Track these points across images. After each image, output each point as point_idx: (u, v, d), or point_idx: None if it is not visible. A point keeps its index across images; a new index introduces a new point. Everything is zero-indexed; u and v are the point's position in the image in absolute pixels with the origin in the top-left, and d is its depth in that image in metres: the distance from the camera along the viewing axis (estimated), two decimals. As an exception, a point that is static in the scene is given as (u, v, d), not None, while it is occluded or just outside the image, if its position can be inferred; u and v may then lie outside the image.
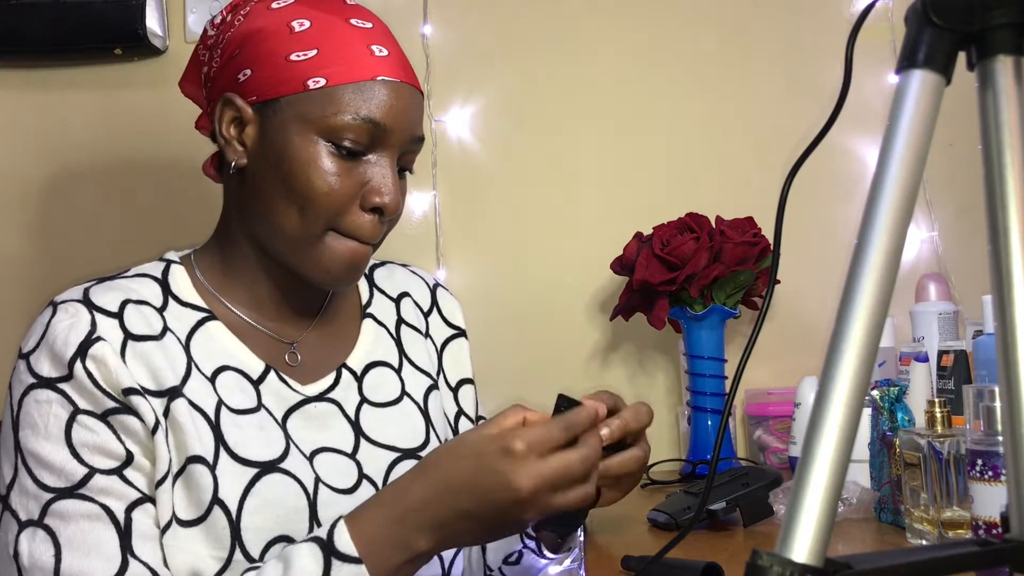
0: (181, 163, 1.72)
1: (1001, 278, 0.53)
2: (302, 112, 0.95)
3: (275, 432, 0.97)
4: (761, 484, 1.15)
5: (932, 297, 1.51)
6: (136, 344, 0.93)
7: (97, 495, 0.89)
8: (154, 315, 0.97)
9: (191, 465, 0.92)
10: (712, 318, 1.55)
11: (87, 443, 0.90)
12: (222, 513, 0.91)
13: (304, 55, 0.96)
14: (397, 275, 1.18)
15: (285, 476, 0.95)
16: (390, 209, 0.97)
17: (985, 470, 0.91)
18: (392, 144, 0.98)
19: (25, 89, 1.79)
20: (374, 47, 0.98)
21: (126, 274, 1.02)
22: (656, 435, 1.73)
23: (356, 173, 0.97)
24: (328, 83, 0.95)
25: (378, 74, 0.96)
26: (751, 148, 1.75)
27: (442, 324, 1.18)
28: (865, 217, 0.54)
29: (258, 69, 0.98)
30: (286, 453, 0.96)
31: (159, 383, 0.93)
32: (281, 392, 1.00)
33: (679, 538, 0.82)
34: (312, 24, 0.97)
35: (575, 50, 1.78)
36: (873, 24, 1.68)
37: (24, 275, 1.76)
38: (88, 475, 0.89)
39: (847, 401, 0.51)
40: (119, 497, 0.90)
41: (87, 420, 0.90)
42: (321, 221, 0.96)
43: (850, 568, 0.48)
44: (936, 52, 0.56)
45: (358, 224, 0.97)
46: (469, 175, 1.77)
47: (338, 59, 0.96)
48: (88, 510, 0.89)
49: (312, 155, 0.95)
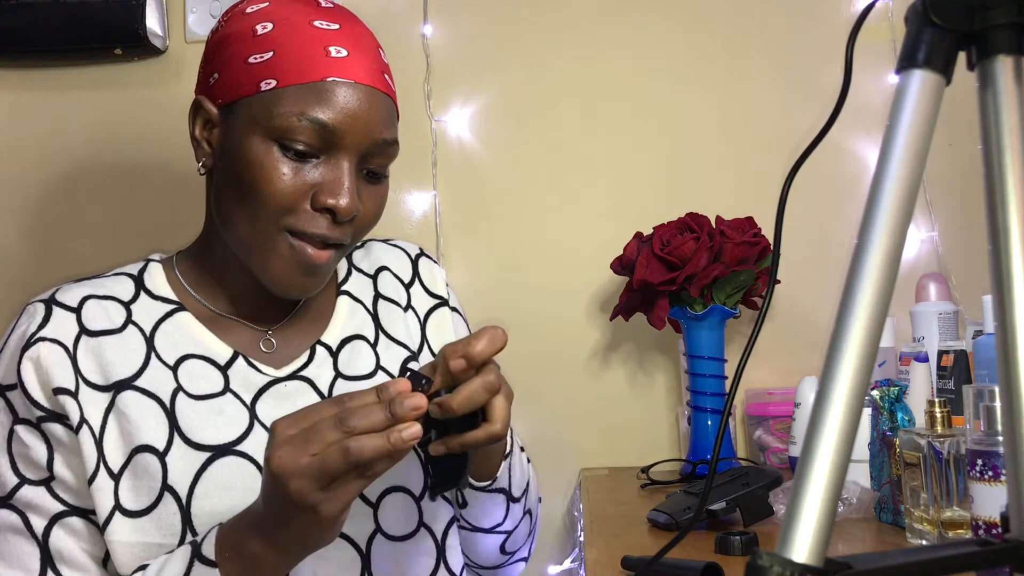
0: (181, 163, 1.72)
1: (1001, 278, 0.53)
2: (254, 114, 0.96)
3: (238, 415, 0.99)
4: (761, 484, 1.14)
5: (932, 297, 1.51)
6: (89, 339, 0.98)
7: (24, 508, 0.94)
8: (117, 309, 1.01)
9: (138, 455, 0.94)
10: (712, 318, 1.55)
11: (21, 453, 0.95)
12: (172, 499, 0.93)
13: (261, 57, 0.97)
14: (375, 251, 1.18)
15: (240, 458, 0.97)
16: (342, 211, 0.95)
17: (985, 470, 0.91)
18: (347, 146, 0.96)
19: (25, 89, 1.79)
20: (332, 48, 0.96)
21: (106, 273, 1.06)
22: (656, 435, 1.74)
23: (307, 174, 0.96)
24: (278, 84, 0.95)
25: (329, 75, 0.95)
26: (751, 148, 1.75)
27: (424, 295, 1.17)
28: (865, 217, 0.54)
29: (223, 72, 0.99)
30: (247, 434, 0.98)
31: (106, 377, 0.96)
32: (249, 376, 1.01)
33: (679, 538, 0.82)
34: (275, 27, 0.98)
35: (575, 50, 1.78)
36: (873, 24, 1.68)
37: (24, 275, 1.76)
38: (18, 485, 0.94)
39: (847, 401, 0.51)
40: (41, 512, 0.94)
41: (22, 430, 0.95)
42: (270, 220, 0.96)
43: (850, 568, 0.48)
44: (936, 52, 0.56)
45: (309, 225, 0.96)
46: (469, 175, 1.77)
47: (291, 60, 0.96)
48: (13, 522, 0.94)
49: (261, 156, 0.95)
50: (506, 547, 1.12)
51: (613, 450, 1.73)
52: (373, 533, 1.01)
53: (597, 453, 1.73)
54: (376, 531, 1.01)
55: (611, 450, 1.73)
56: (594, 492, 1.49)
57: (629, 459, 1.69)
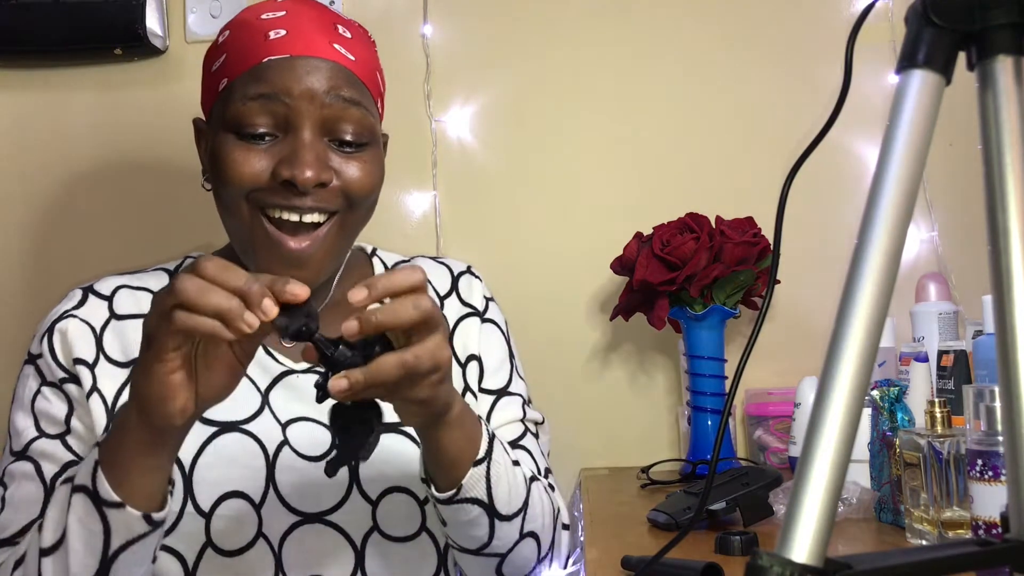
0: (181, 163, 1.72)
1: (1001, 278, 0.53)
2: (217, 115, 1.03)
3: (251, 398, 1.03)
4: (761, 484, 1.14)
5: (932, 297, 1.51)
6: (117, 323, 1.06)
7: (38, 456, 0.99)
8: (147, 298, 1.07)
9: None
10: (712, 318, 1.55)
11: (43, 411, 1.02)
12: (176, 468, 0.93)
13: (218, 63, 1.03)
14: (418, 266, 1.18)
15: (244, 436, 1.00)
16: (300, 180, 0.96)
17: (985, 470, 0.91)
18: (300, 115, 0.98)
19: (25, 89, 1.79)
20: (271, 32, 1.00)
21: (147, 269, 1.14)
22: (656, 435, 1.74)
23: (268, 154, 0.99)
24: (228, 81, 1.01)
25: (265, 56, 1.00)
26: (751, 148, 1.75)
27: (458, 304, 1.19)
28: (865, 217, 0.54)
29: (202, 90, 1.08)
30: (255, 416, 1.02)
31: (127, 355, 1.04)
32: (265, 363, 1.06)
33: (679, 538, 0.82)
34: (230, 32, 1.04)
35: (575, 50, 1.78)
36: (873, 24, 1.68)
37: (24, 275, 1.76)
38: (35, 438, 1.00)
39: (847, 401, 0.51)
40: (53, 460, 0.99)
41: (47, 391, 1.03)
42: (239, 202, 1.00)
43: (850, 568, 0.48)
44: (936, 52, 0.56)
45: (274, 197, 0.99)
46: (469, 175, 1.77)
47: (236, 57, 1.01)
48: (26, 470, 0.99)
49: (222, 149, 1.00)
50: (504, 572, 1.03)
51: (613, 450, 1.73)
52: (370, 531, 1.01)
53: (597, 453, 1.73)
54: (373, 529, 1.01)
55: (611, 450, 1.73)
56: (594, 492, 1.49)
57: (629, 459, 1.69)
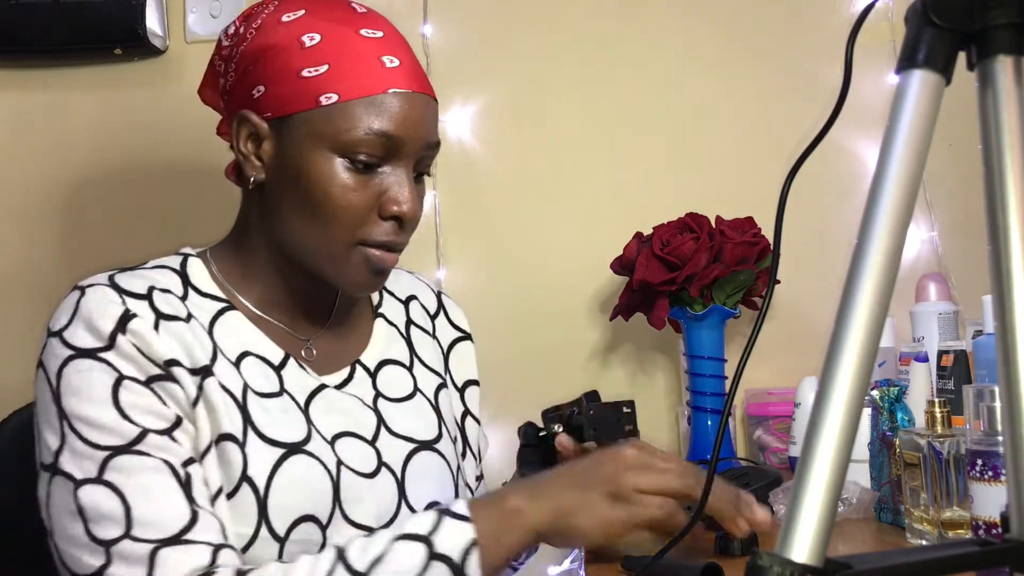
0: (181, 163, 1.72)
1: (1001, 278, 0.53)
2: (316, 129, 0.97)
3: (297, 416, 1.01)
4: (761, 484, 1.14)
5: (932, 297, 1.51)
6: (168, 323, 0.96)
7: (154, 451, 0.91)
8: (178, 302, 0.99)
9: (223, 442, 0.95)
10: (712, 318, 1.55)
11: (135, 404, 0.92)
12: (250, 490, 0.94)
13: (316, 71, 0.97)
14: (403, 279, 1.21)
15: (310, 458, 0.98)
16: (408, 216, 0.99)
17: (985, 470, 0.91)
18: (407, 153, 0.99)
19: (25, 89, 1.79)
20: (385, 58, 0.99)
21: (145, 265, 1.04)
22: (656, 435, 1.74)
23: (373, 185, 0.98)
24: (340, 99, 0.97)
25: (390, 86, 0.98)
26: (751, 148, 1.75)
27: (448, 327, 1.21)
28: (865, 217, 0.54)
29: (271, 86, 0.99)
30: (309, 436, 1.00)
31: (193, 361, 0.95)
32: (302, 378, 1.03)
33: (679, 538, 0.82)
34: (323, 38, 0.98)
35: (575, 50, 1.78)
36: (873, 24, 1.68)
37: (24, 275, 1.76)
38: (142, 433, 0.91)
39: (847, 401, 0.51)
40: (174, 454, 0.92)
41: (132, 385, 0.92)
42: (344, 236, 0.98)
43: (850, 568, 0.48)
44: (936, 52, 0.56)
45: (380, 234, 0.99)
46: (469, 175, 1.77)
47: (349, 73, 0.97)
48: (149, 463, 0.90)
49: (328, 172, 0.97)
50: None
51: (613, 450, 1.72)
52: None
53: (597, 453, 1.73)
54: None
55: (611, 450, 1.73)
56: (594, 492, 1.49)
57: (629, 459, 1.69)
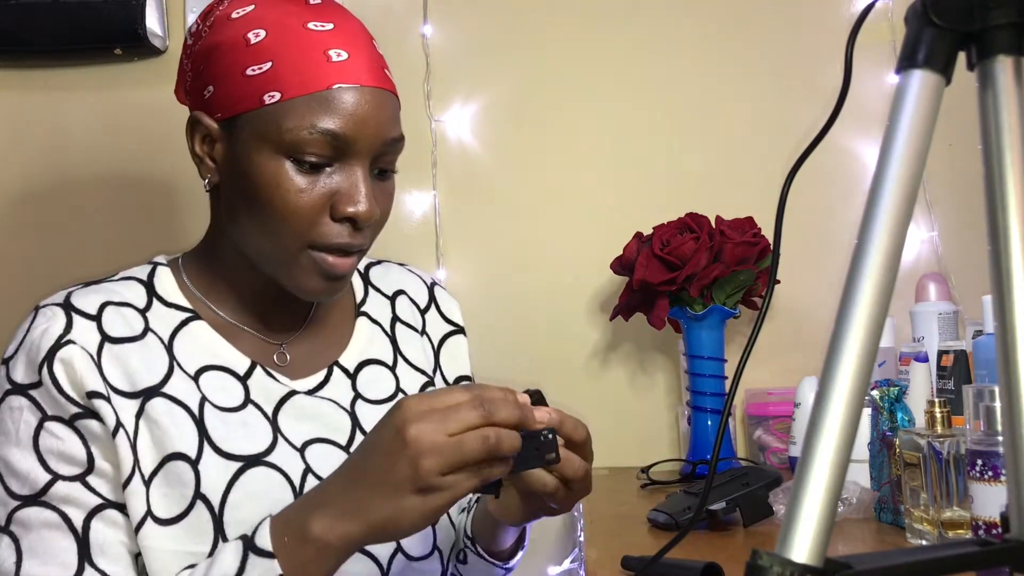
0: (181, 163, 1.71)
1: (1001, 278, 0.53)
2: (261, 129, 0.93)
3: (262, 427, 0.98)
4: (761, 484, 1.14)
5: (932, 297, 1.51)
6: (113, 346, 0.94)
7: (58, 503, 0.91)
8: (135, 317, 0.98)
9: (171, 462, 0.92)
10: (712, 318, 1.55)
11: (53, 450, 0.92)
12: (205, 507, 0.92)
13: (260, 68, 0.93)
14: (392, 273, 1.18)
15: (270, 469, 0.96)
16: (363, 217, 0.94)
17: (985, 470, 0.91)
18: (359, 151, 0.94)
19: (25, 89, 1.79)
20: (332, 52, 0.93)
21: (113, 277, 1.02)
22: (656, 435, 1.74)
23: (323, 185, 0.93)
24: (283, 97, 0.92)
25: (334, 82, 0.92)
26: (751, 148, 1.75)
27: (440, 320, 1.18)
28: (865, 217, 0.54)
29: (219, 86, 0.96)
30: (273, 446, 0.97)
31: (134, 384, 0.94)
32: (269, 387, 1.00)
33: (679, 538, 0.82)
34: (268, 34, 0.94)
35: (575, 50, 1.78)
36: (873, 24, 1.68)
37: (23, 275, 1.76)
38: (51, 482, 0.91)
39: (847, 401, 0.51)
40: (79, 505, 0.91)
41: (54, 426, 0.92)
42: (293, 240, 0.94)
43: (850, 568, 0.48)
44: (936, 52, 0.56)
45: (331, 236, 0.94)
46: (469, 175, 1.77)
47: (292, 70, 0.92)
48: (47, 518, 0.91)
49: (274, 174, 0.93)
50: None
51: (613, 450, 1.72)
52: (395, 552, 1.00)
53: (597, 453, 1.72)
54: (398, 550, 1.01)
55: (611, 450, 1.72)
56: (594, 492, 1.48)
57: (629, 459, 1.69)
